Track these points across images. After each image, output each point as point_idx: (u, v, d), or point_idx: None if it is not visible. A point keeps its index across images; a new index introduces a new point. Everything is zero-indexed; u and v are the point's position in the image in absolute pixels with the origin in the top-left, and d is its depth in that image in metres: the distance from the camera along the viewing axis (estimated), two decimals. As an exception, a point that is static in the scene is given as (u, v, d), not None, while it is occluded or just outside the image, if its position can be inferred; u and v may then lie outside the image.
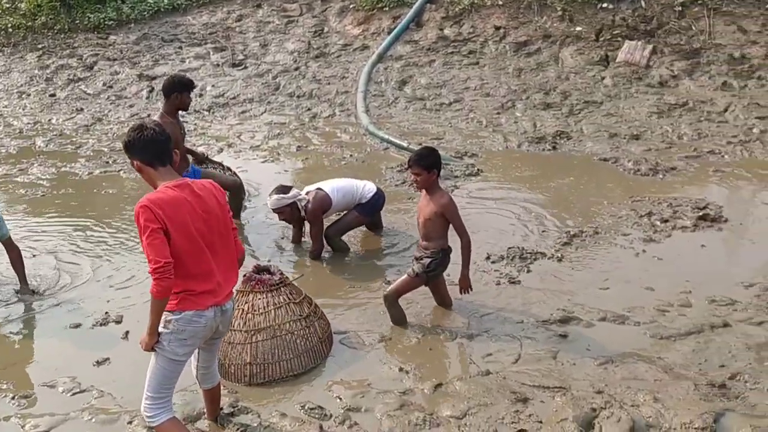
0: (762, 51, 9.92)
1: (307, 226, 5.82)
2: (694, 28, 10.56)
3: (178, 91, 5.74)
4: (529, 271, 5.25)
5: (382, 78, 10.73)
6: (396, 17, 12.13)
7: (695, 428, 3.35)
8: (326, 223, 5.70)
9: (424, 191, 4.52)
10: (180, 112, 5.94)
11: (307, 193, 5.58)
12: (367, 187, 5.80)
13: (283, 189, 5.55)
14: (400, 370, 4.10)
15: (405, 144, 8.28)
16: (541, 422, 3.50)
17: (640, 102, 9.27)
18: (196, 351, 3.32)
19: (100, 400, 3.90)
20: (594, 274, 5.18)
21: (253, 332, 4.15)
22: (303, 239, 5.90)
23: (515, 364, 4.09)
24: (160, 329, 3.02)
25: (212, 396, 3.60)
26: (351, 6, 12.78)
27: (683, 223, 5.91)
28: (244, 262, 3.43)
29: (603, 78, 10.02)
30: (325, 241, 5.61)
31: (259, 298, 4.24)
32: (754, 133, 8.10)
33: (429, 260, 4.46)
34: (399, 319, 4.58)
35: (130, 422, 3.68)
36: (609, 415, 3.49)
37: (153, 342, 3.03)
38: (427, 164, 4.34)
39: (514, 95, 9.80)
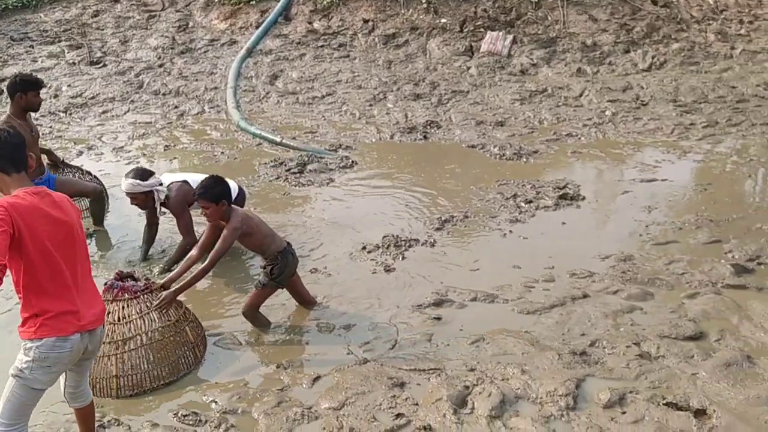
0: (611, 38, 10.65)
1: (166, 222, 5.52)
2: (549, 18, 11.15)
3: (21, 90, 5.33)
4: (404, 258, 5.34)
5: (253, 73, 10.53)
6: (264, 11, 11.95)
7: (559, 395, 3.54)
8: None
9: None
10: (31, 113, 5.53)
11: (169, 185, 5.30)
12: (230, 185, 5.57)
13: (142, 173, 5.13)
14: (278, 366, 4.05)
15: (278, 139, 8.16)
16: (417, 404, 3.57)
17: (503, 90, 9.66)
18: (65, 373, 3.07)
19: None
20: (465, 256, 5.34)
21: (118, 343, 3.94)
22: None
23: (392, 350, 4.15)
24: (23, 357, 2.76)
25: (84, 416, 3.28)
26: (216, 0, 12.43)
27: (546, 202, 6.22)
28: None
29: (468, 68, 10.36)
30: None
31: (124, 307, 4.02)
32: (607, 115, 8.67)
33: (270, 266, 4.38)
34: (265, 326, 4.48)
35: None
36: (481, 391, 3.61)
37: None
38: (212, 196, 4.20)
39: (385, 87, 9.92)
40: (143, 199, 5.20)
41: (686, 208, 6.08)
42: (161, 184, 5.18)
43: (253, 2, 12.11)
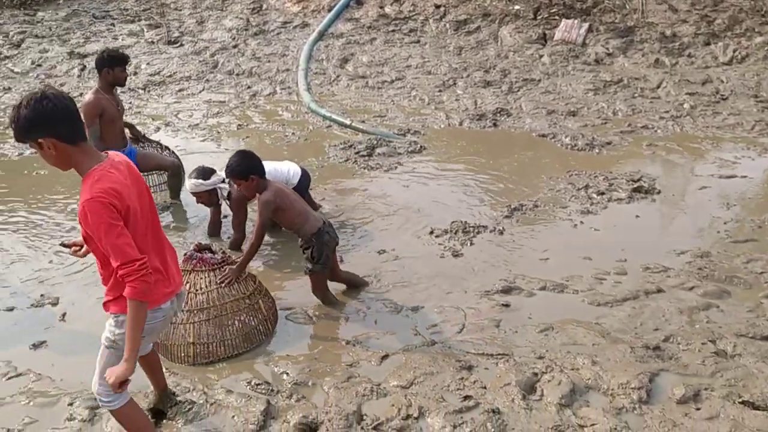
0: (691, 29, 10.28)
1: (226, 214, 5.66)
2: (627, 6, 10.85)
3: (109, 66, 5.55)
4: (472, 244, 5.33)
5: (324, 56, 10.63)
6: (336, -6, 12.03)
7: (632, 388, 3.49)
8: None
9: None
10: (117, 88, 5.75)
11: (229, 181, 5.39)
12: (291, 171, 5.61)
13: (204, 172, 5.29)
14: (347, 343, 4.12)
15: (347, 122, 8.24)
16: (485, 388, 3.58)
17: (576, 79, 9.47)
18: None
19: (38, 384, 3.78)
20: (534, 245, 5.29)
21: (195, 312, 4.08)
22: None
23: (460, 334, 4.16)
24: (115, 330, 2.74)
25: (150, 365, 3.33)
26: (290, -17, 12.59)
27: (618, 195, 6.09)
28: None
29: (541, 56, 10.19)
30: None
31: (201, 278, 4.15)
32: (685, 108, 8.40)
33: (308, 250, 4.37)
34: (333, 304, 4.55)
35: (70, 404, 3.58)
36: (550, 379, 3.60)
37: (133, 367, 2.62)
38: (239, 173, 4.21)
39: (455, 73, 9.87)
40: (207, 197, 5.38)
41: (766, 206, 5.86)
42: (224, 181, 5.29)
43: (326, -14, 12.20)
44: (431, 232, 5.52)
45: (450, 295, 4.64)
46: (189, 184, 5.35)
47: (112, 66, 5.57)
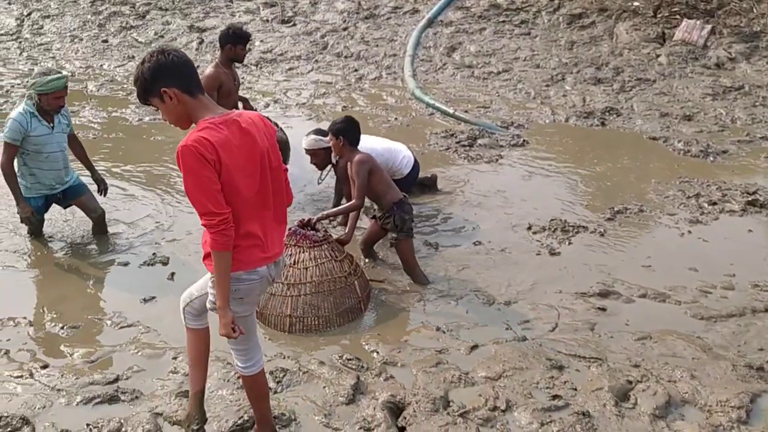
0: (826, 38, 9.58)
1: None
2: (755, 10, 10.23)
3: (232, 42, 5.79)
4: (570, 244, 5.23)
5: (431, 43, 10.63)
6: (449, -18, 11.96)
7: (731, 406, 3.34)
8: None
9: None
10: (235, 63, 5.99)
11: None
12: (405, 159, 5.70)
13: (322, 132, 5.40)
14: (437, 329, 4.15)
15: (451, 110, 8.22)
16: (575, 389, 3.52)
17: (694, 83, 9.04)
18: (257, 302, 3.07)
19: (146, 336, 4.04)
20: (637, 251, 5.13)
21: (294, 286, 4.22)
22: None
23: (552, 333, 4.12)
24: (213, 291, 2.69)
25: (199, 340, 3.16)
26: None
27: (731, 206, 5.80)
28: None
29: (658, 56, 9.78)
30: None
31: (302, 253, 4.30)
32: (812, 121, 7.87)
33: (389, 219, 4.57)
34: (422, 283, 4.65)
35: (174, 358, 3.81)
36: (645, 388, 3.50)
37: (230, 320, 2.64)
38: (335, 130, 4.61)
39: (565, 68, 9.64)
40: (322, 156, 5.48)
41: None
42: None
43: (440, -27, 12.14)
44: (529, 228, 5.46)
45: (544, 293, 4.58)
46: (306, 141, 5.48)
47: (235, 43, 5.81)
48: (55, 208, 5.25)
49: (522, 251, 5.14)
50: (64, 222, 5.45)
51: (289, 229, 4.38)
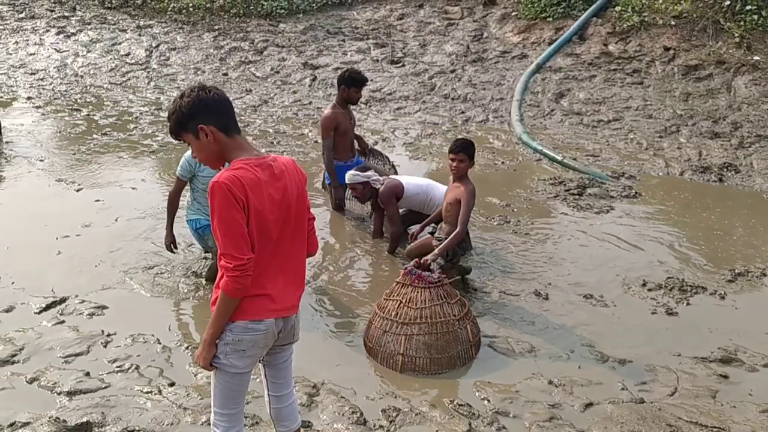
0: None
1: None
2: None
3: (347, 84, 6.07)
4: (688, 304, 5.06)
5: (539, 89, 10.63)
6: (559, 29, 11.98)
7: None
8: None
9: (453, 179, 5.00)
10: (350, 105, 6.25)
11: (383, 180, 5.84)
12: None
13: (362, 168, 5.96)
14: (549, 382, 4.10)
15: (559, 157, 8.17)
16: (699, 460, 3.39)
17: (820, 141, 8.60)
18: (264, 377, 2.92)
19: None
20: (761, 316, 4.89)
21: (407, 325, 4.27)
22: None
23: (671, 397, 3.97)
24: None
25: None
26: (513, 14, 12.76)
27: None
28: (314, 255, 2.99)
29: (780, 112, 9.38)
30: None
31: (417, 293, 4.36)
32: None
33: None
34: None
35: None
36: (775, 467, 3.33)
37: (211, 356, 2.57)
38: (471, 153, 4.92)
39: (680, 120, 9.39)
40: (361, 190, 5.81)
41: None
42: (376, 179, 5.79)
43: (550, 19, 12.20)
44: (644, 284, 5.32)
45: (660, 354, 4.43)
46: (347, 175, 5.84)
47: (350, 85, 6.09)
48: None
49: (636, 308, 5.01)
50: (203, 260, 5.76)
51: (405, 268, 4.47)
